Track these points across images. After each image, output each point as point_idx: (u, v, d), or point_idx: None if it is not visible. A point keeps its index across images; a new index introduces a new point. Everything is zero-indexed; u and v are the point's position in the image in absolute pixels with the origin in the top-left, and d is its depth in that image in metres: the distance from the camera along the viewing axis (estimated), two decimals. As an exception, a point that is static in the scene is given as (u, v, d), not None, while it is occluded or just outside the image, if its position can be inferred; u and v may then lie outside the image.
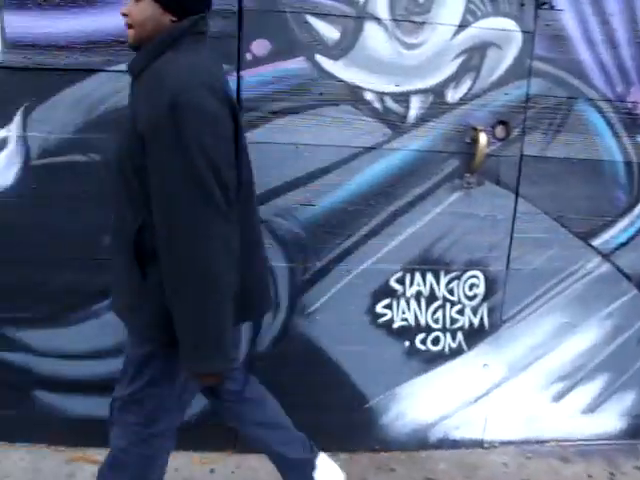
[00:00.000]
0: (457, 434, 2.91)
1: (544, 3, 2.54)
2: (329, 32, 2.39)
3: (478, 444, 2.95)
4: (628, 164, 2.71)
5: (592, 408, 2.99)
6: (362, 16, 2.40)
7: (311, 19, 2.37)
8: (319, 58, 2.41)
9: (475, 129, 2.52)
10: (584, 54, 2.60)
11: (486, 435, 2.95)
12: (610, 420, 3.03)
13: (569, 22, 2.56)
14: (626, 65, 2.64)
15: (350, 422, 2.78)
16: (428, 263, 2.64)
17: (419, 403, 2.82)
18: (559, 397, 2.95)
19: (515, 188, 2.63)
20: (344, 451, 2.78)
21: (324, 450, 2.28)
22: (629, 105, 2.67)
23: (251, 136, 2.32)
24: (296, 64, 2.39)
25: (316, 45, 2.39)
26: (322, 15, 2.37)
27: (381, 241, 2.58)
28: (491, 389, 2.88)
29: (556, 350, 2.86)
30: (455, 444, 2.92)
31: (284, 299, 2.60)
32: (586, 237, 2.75)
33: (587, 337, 2.87)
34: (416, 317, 2.70)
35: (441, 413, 2.87)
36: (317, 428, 2.31)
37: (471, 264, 2.67)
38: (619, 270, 2.82)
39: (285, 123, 2.42)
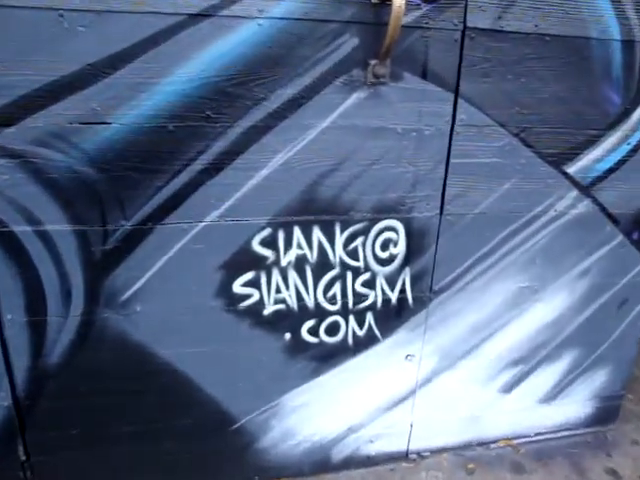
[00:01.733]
0: (372, 448, 2.06)
1: None
2: None
3: (401, 457, 2.11)
4: (629, 45, 1.73)
5: (553, 395, 2.20)
6: None
7: None
8: None
9: (386, -22, 1.44)
10: None
11: (412, 444, 2.10)
12: (575, 407, 2.27)
13: None
14: None
15: (213, 450, 1.87)
16: (313, 212, 1.63)
17: (315, 415, 1.94)
18: (510, 387, 2.13)
19: (454, 84, 1.61)
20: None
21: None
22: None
23: None
24: None
25: None
26: None
27: (231, 180, 1.53)
28: (418, 387, 1.99)
29: (509, 326, 1.99)
30: (369, 461, 2.07)
31: (77, 283, 1.55)
32: (559, 162, 1.80)
33: (553, 305, 2.01)
34: (299, 296, 1.72)
35: (348, 424, 2.00)
36: (163, 462, 1.83)
37: (384, 210, 1.69)
38: (602, 209, 1.91)
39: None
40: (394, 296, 1.83)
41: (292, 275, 1.71)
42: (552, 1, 1.62)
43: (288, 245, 1.66)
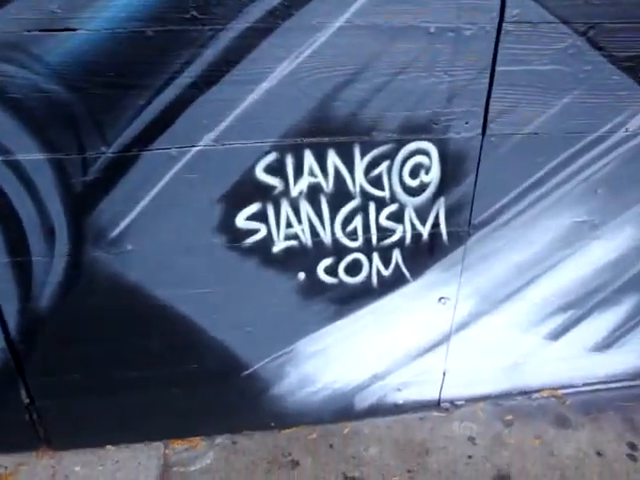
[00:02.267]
0: (400, 396, 1.91)
1: None
2: None
3: (432, 406, 1.93)
4: None
5: (608, 343, 1.97)
6: None
7: None
8: None
9: None
10: None
11: (445, 393, 1.93)
12: (632, 356, 2.04)
13: None
14: None
15: (226, 396, 1.76)
16: (326, 132, 1.38)
17: (335, 362, 1.78)
18: (558, 334, 1.90)
19: (503, -33, 1.27)
20: (223, 433, 1.79)
21: (194, 434, 1.65)
22: None
23: None
24: None
25: None
26: None
27: (226, 95, 1.29)
28: (453, 332, 1.78)
29: (560, 267, 1.72)
30: (397, 409, 1.91)
31: (59, 219, 1.37)
32: (636, 68, 1.45)
33: (614, 243, 1.73)
34: (314, 231, 1.50)
35: (372, 372, 1.83)
36: (174, 407, 1.75)
37: (413, 130, 1.42)
38: (685, 126, 1.57)
39: None
40: (426, 231, 1.58)
41: (305, 207, 1.48)
42: None
43: (299, 172, 1.42)
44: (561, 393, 2.02)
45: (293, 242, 1.52)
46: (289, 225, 1.50)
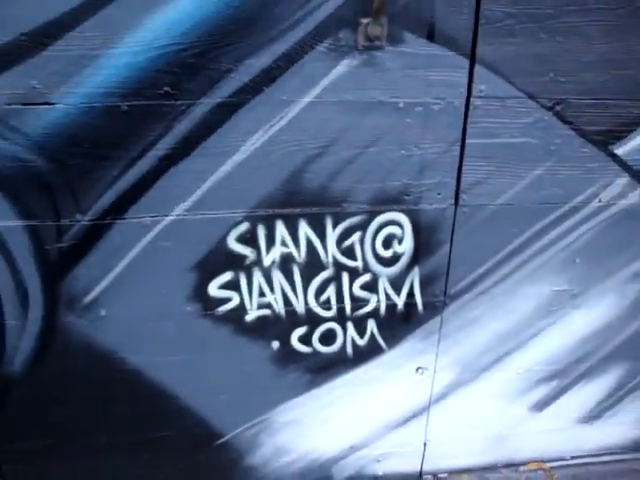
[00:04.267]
0: (379, 468, 1.89)
1: None
2: None
3: (414, 478, 1.91)
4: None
5: (596, 414, 1.95)
6: None
7: None
8: None
9: None
10: None
11: (427, 464, 1.90)
12: (621, 428, 2.04)
13: None
14: None
15: (198, 465, 1.75)
16: (299, 203, 1.42)
17: (310, 432, 1.77)
18: (544, 404, 1.89)
19: (469, 47, 1.34)
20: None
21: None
22: None
23: None
24: None
25: None
26: None
27: (198, 166, 1.35)
28: (432, 402, 1.78)
29: (541, 336, 1.74)
30: (376, 482, 1.88)
31: (33, 284, 1.42)
32: (605, 141, 1.51)
33: (596, 312, 1.75)
34: (287, 300, 1.53)
35: (350, 442, 1.81)
36: (146, 475, 1.71)
37: (384, 201, 1.46)
38: (661, 197, 1.61)
39: None
40: (401, 301, 1.61)
41: (277, 276, 1.51)
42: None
43: (270, 242, 1.47)
44: (549, 466, 2.00)
45: (266, 311, 1.56)
46: (262, 294, 1.53)
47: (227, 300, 1.52)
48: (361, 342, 1.65)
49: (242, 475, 1.80)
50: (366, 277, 1.56)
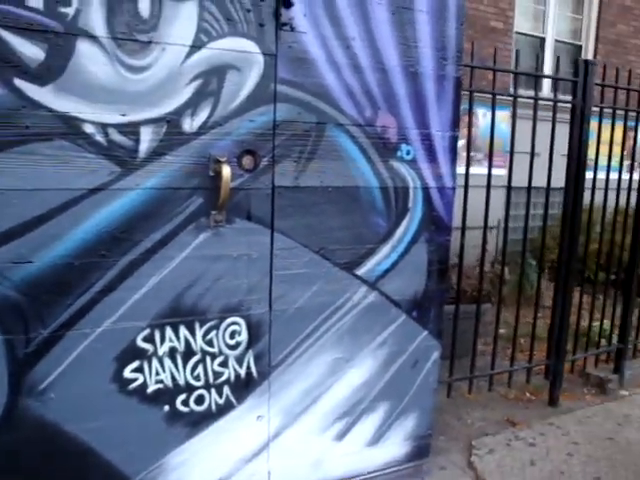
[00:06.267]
0: (238, 496, 2.81)
1: (284, 24, 2.54)
2: (30, 51, 2.13)
3: (262, 502, 2.88)
4: (384, 189, 2.84)
5: (376, 439, 3.10)
6: (73, 33, 2.18)
7: (4, 34, 2.09)
8: (20, 83, 2.14)
9: (218, 161, 2.43)
10: (330, 78, 2.66)
11: (271, 490, 2.89)
12: (395, 447, 3.17)
13: (312, 45, 2.60)
14: (372, 90, 2.76)
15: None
16: (179, 315, 2.50)
17: (191, 472, 2.68)
18: (342, 435, 3.00)
19: (270, 222, 2.60)
20: None
21: None
22: (379, 129, 2.79)
23: None
24: (-12, 92, 2.11)
25: (13, 67, 2.12)
26: (18, 30, 2.10)
27: (120, 296, 2.38)
28: (270, 440, 2.82)
29: (332, 388, 2.90)
30: (237, 508, 2.82)
31: (2, 381, 2.28)
32: (350, 267, 2.82)
33: (362, 370, 2.96)
34: (173, 377, 2.54)
35: (218, 476, 2.75)
36: None
37: (229, 310, 2.59)
38: (387, 297, 2.94)
39: (-20, 165, 2.14)
40: (243, 372, 2.69)
41: (167, 362, 2.53)
42: (330, 165, 2.69)
43: (163, 340, 2.50)
44: (352, 481, 3.09)
45: (160, 385, 2.54)
46: (157, 374, 2.53)
47: (135, 380, 2.49)
48: (220, 402, 2.68)
49: (143, 510, 2.65)
50: (221, 358, 2.63)
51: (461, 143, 6.38)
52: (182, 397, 2.59)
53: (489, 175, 3.91)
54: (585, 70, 3.89)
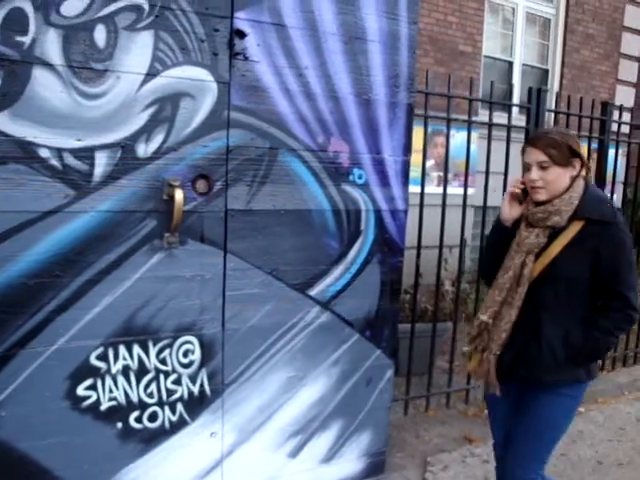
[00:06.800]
0: (192, 513, 2.88)
1: (238, 53, 2.67)
2: (-13, 79, 2.24)
3: (217, 518, 2.95)
4: (336, 212, 2.96)
5: (330, 456, 3.18)
6: (29, 61, 2.28)
7: (-40, 63, 2.19)
8: (-24, 110, 2.24)
9: (171, 185, 2.54)
10: (283, 105, 2.79)
11: (225, 507, 2.96)
12: (349, 464, 3.26)
13: (265, 73, 2.74)
14: (325, 116, 2.89)
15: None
16: (133, 334, 2.59)
17: (144, 488, 2.74)
18: (296, 452, 3.09)
19: (223, 244, 2.70)
20: None
21: None
22: (331, 155, 2.92)
23: None
24: (-59, 119, 2.20)
25: (-29, 95, 2.22)
26: (-25, 58, 2.21)
27: (74, 316, 2.47)
28: (224, 457, 2.90)
29: (286, 406, 3.00)
30: (191, 524, 2.88)
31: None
32: (303, 288, 2.93)
33: (316, 387, 3.06)
34: (127, 394, 2.62)
35: (171, 492, 2.82)
36: None
37: (182, 329, 2.68)
38: (340, 317, 3.05)
39: None
40: (196, 389, 2.77)
41: (120, 379, 2.61)
42: (283, 189, 2.81)
43: (116, 358, 2.58)
44: (305, 498, 3.17)
45: (114, 402, 2.62)
46: (111, 391, 2.61)
47: (89, 397, 2.57)
48: (174, 419, 2.76)
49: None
50: (174, 376, 2.72)
51: (429, 164, 6.58)
52: (135, 414, 2.67)
53: (444, 195, 4.06)
54: (537, 97, 4.08)
